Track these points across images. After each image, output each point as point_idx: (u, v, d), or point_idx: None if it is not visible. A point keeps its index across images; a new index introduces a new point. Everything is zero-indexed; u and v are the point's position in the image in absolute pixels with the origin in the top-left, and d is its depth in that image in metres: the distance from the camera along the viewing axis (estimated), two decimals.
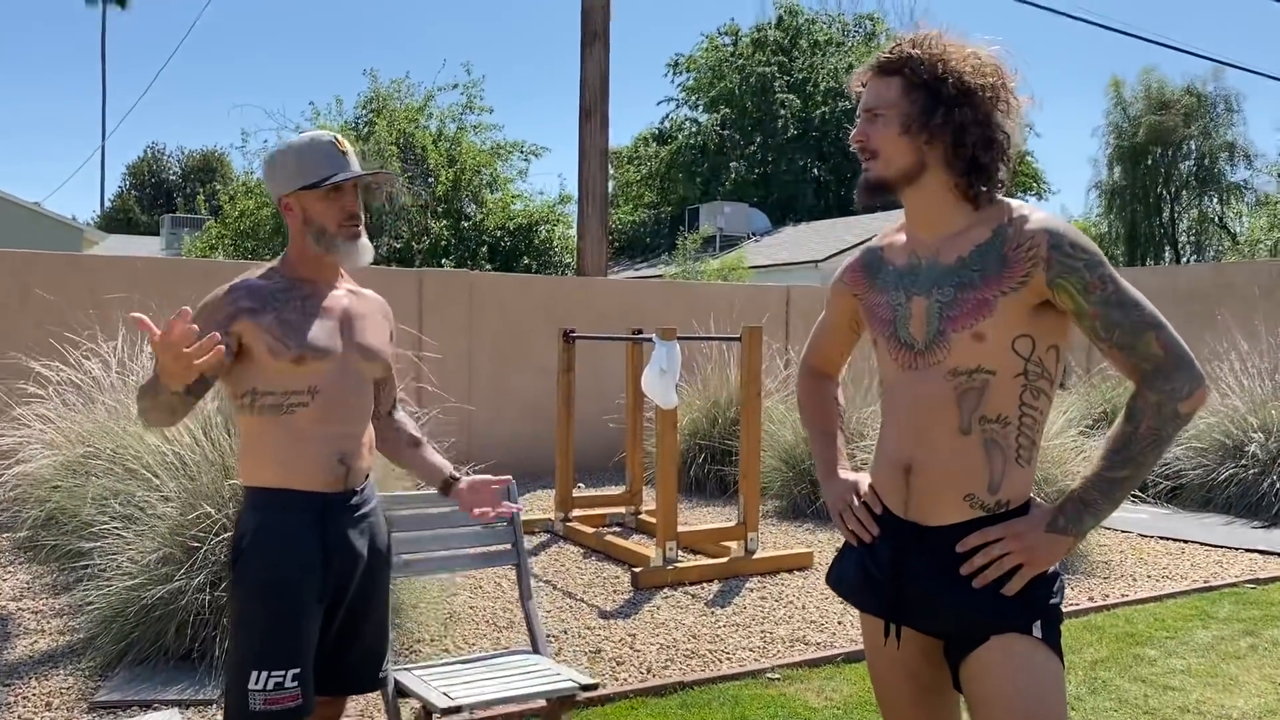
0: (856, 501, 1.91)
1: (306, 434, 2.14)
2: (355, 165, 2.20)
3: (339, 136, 2.20)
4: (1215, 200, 31.10)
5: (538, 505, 7.57)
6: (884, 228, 1.99)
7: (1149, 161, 30.17)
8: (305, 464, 2.15)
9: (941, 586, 1.74)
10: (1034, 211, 1.74)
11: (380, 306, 2.37)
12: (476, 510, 2.33)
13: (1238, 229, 31.08)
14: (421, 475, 2.45)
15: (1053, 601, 1.73)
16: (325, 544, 2.17)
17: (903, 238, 1.89)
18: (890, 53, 1.77)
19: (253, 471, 2.18)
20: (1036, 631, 1.69)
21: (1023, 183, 33.91)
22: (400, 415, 2.47)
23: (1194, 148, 30.19)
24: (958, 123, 1.71)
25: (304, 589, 2.14)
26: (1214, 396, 7.82)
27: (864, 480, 1.95)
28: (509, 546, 3.18)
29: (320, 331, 2.16)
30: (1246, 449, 7.57)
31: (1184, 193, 30.88)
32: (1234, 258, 26.20)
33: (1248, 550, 6.37)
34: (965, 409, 1.72)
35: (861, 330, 2.06)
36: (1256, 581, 5.58)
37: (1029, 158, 34.92)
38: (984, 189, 1.75)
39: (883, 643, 1.87)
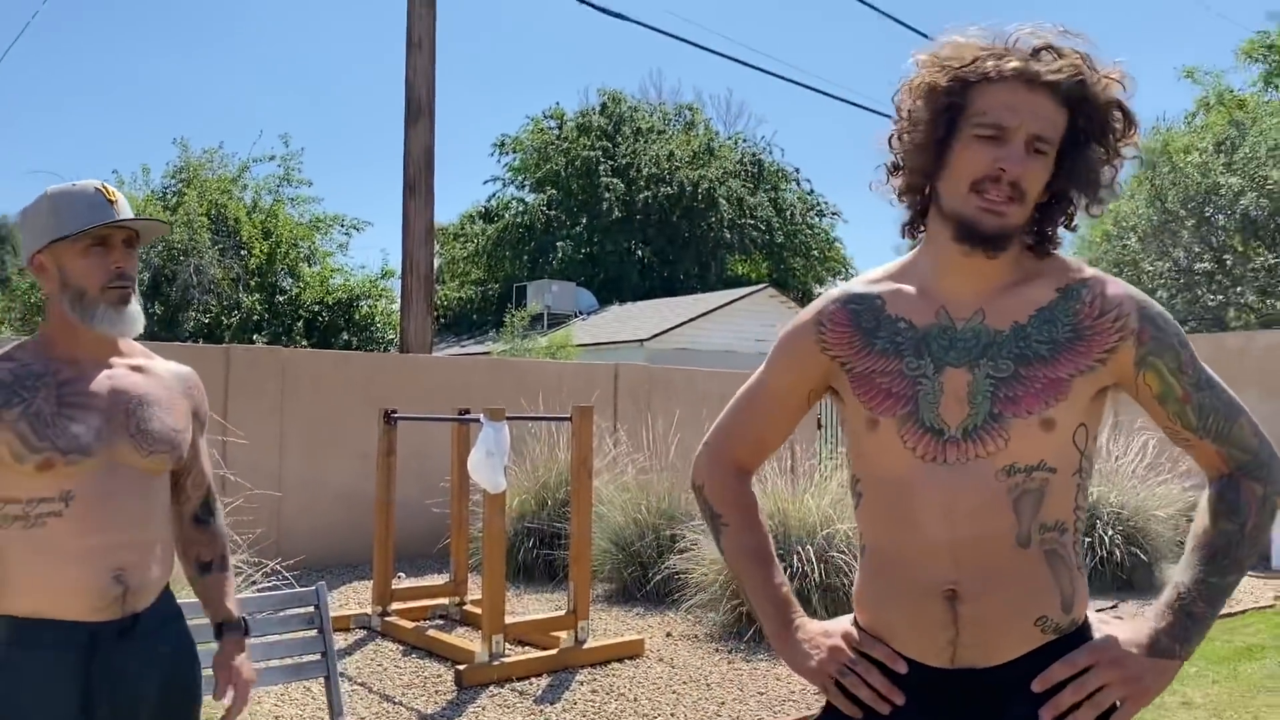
0: (851, 654, 1.46)
1: (63, 549, 1.73)
2: (127, 214, 1.84)
3: (106, 184, 1.83)
4: None
5: (354, 599, 7.09)
6: (871, 272, 1.56)
7: None
8: (63, 587, 1.73)
9: None
10: (1103, 273, 1.44)
11: (179, 382, 1.98)
12: (221, 686, 2.04)
13: None
14: (204, 607, 2.11)
15: None
16: (89, 688, 1.74)
17: (910, 288, 1.48)
18: (1072, 71, 1.34)
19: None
20: None
21: (831, 267, 35.61)
22: (212, 526, 2.09)
23: None
24: (1095, 170, 1.40)
25: None
26: None
27: (845, 626, 1.53)
28: (318, 656, 2.86)
29: (78, 426, 1.75)
30: None
31: None
32: None
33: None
34: (1024, 516, 1.37)
35: (816, 404, 1.60)
36: None
37: (837, 243, 36.76)
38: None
39: None
